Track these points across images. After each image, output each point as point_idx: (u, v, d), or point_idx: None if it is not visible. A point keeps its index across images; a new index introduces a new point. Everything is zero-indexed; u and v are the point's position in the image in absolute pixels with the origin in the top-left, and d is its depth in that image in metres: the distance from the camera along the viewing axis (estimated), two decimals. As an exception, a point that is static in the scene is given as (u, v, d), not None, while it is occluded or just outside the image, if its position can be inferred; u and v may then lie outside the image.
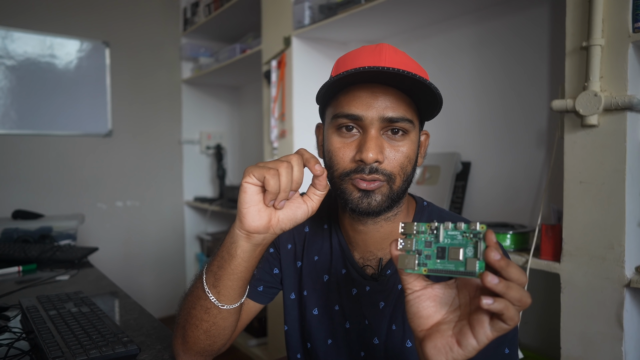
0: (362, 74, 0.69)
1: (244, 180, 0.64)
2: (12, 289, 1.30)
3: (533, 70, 1.53)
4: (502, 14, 1.62)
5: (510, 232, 1.34)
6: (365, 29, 1.92)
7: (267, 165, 0.64)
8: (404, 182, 0.75)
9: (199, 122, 3.22)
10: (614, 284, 1.07)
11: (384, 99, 0.72)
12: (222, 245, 0.71)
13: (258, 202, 0.65)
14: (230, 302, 0.72)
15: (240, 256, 0.68)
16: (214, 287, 0.71)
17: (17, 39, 2.53)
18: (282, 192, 0.64)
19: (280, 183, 0.63)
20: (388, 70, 0.67)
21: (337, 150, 0.75)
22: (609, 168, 1.07)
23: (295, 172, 0.65)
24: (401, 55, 0.74)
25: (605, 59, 1.07)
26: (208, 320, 0.73)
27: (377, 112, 0.71)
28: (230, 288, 0.71)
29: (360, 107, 0.72)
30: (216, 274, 0.71)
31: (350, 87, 0.74)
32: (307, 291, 0.88)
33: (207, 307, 0.72)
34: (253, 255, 0.69)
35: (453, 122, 1.78)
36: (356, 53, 0.76)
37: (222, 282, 0.70)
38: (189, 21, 2.98)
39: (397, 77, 0.69)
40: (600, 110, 1.06)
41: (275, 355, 2.27)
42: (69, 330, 0.89)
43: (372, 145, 0.70)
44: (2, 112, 2.49)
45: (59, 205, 2.66)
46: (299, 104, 2.06)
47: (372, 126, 0.72)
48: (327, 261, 0.87)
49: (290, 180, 0.64)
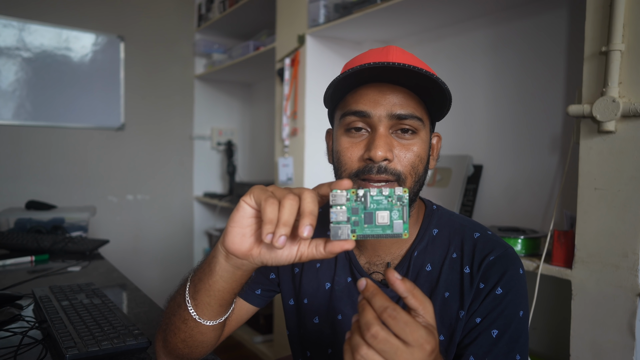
0: (369, 72, 0.68)
1: (243, 197, 0.57)
2: (24, 278, 1.32)
3: (549, 74, 1.52)
4: (518, 17, 1.60)
5: (521, 237, 1.34)
6: (380, 29, 1.91)
7: (271, 192, 0.55)
8: (415, 183, 0.73)
9: (211, 118, 3.23)
10: (627, 292, 1.06)
11: (392, 97, 0.71)
12: (204, 259, 0.67)
13: (246, 226, 0.58)
14: (209, 318, 0.67)
15: (219, 274, 0.62)
16: (193, 299, 0.66)
17: (34, 31, 2.56)
18: (281, 225, 0.52)
19: (280, 215, 0.52)
20: (394, 66, 0.66)
21: (345, 150, 0.73)
22: (626, 175, 1.06)
23: (305, 205, 0.53)
24: (409, 55, 0.74)
25: (625, 65, 1.05)
26: (185, 331, 0.69)
27: (385, 109, 0.70)
28: (208, 304, 0.65)
29: (368, 104, 0.71)
30: (196, 285, 0.66)
31: (358, 87, 0.74)
32: (308, 299, 0.86)
33: (184, 318, 0.68)
34: (233, 277, 0.62)
35: (465, 125, 1.77)
36: (363, 54, 0.76)
37: (199, 297, 0.65)
38: (204, 17, 2.99)
39: (404, 74, 0.68)
40: (618, 117, 1.05)
41: (281, 352, 2.27)
42: (81, 321, 0.90)
43: (381, 143, 0.69)
44: (17, 104, 2.52)
45: (71, 197, 2.69)
46: (311, 102, 2.06)
47: (381, 124, 0.71)
48: (330, 269, 0.85)
49: (293, 213, 0.52)
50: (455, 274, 0.76)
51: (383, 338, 0.47)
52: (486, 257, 0.75)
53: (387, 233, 0.54)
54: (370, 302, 0.49)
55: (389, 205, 0.54)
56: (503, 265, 0.74)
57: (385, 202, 0.54)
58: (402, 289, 0.50)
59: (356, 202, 0.54)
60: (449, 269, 0.77)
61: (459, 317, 0.74)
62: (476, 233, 0.79)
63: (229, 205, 2.80)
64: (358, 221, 0.54)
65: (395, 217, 0.54)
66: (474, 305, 0.74)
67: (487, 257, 0.75)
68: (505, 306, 0.72)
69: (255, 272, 0.87)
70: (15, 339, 0.88)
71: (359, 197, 0.54)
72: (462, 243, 0.78)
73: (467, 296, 0.74)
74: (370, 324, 0.47)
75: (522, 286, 0.75)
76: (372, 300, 0.49)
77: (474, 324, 0.73)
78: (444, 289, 0.76)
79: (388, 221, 0.54)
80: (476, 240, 0.78)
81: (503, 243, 0.78)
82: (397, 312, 0.48)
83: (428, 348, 0.48)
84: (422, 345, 0.47)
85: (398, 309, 0.48)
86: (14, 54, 2.51)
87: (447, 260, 0.78)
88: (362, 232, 0.54)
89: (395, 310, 0.48)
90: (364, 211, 0.54)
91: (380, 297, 0.49)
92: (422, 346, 0.47)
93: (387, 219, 0.54)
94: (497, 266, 0.74)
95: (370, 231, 0.54)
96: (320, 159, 2.10)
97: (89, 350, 0.78)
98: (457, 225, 0.81)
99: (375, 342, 0.47)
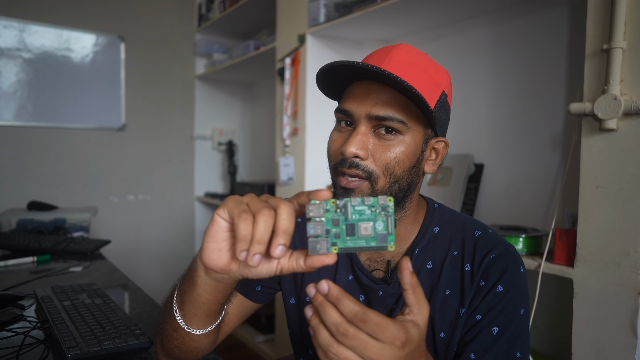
0: (361, 69, 0.69)
1: (217, 211, 0.54)
2: (26, 278, 1.32)
3: (550, 73, 1.52)
4: (519, 15, 1.60)
5: (522, 236, 1.33)
6: (380, 28, 1.91)
7: (246, 204, 0.52)
8: (391, 184, 0.72)
9: (212, 118, 3.23)
10: (629, 290, 1.06)
11: (375, 96, 0.71)
12: (190, 266, 0.65)
13: (222, 240, 0.55)
14: (198, 328, 0.66)
15: (202, 287, 0.61)
16: (181, 309, 0.66)
17: (34, 32, 2.56)
18: (255, 243, 0.49)
19: (254, 232, 0.49)
20: (361, 66, 0.67)
21: (332, 142, 0.77)
22: (627, 173, 1.06)
23: (280, 222, 0.49)
24: (413, 56, 0.73)
25: (627, 63, 1.05)
26: (177, 339, 0.69)
27: (365, 108, 0.71)
28: (195, 315, 0.65)
29: (352, 103, 0.73)
30: (182, 296, 0.65)
31: (353, 83, 0.75)
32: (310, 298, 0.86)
33: (175, 327, 0.68)
34: (216, 289, 0.61)
35: (466, 123, 1.77)
36: (373, 52, 0.77)
37: (186, 307, 0.65)
38: (204, 17, 2.99)
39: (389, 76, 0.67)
40: (619, 115, 1.04)
41: (283, 352, 2.27)
42: (83, 321, 0.90)
43: (354, 140, 0.71)
44: (18, 105, 2.53)
45: (73, 198, 2.69)
46: (312, 102, 2.06)
47: (360, 122, 0.72)
48: (331, 267, 0.84)
49: (267, 231, 0.49)
50: (456, 271, 0.77)
51: (352, 335, 0.48)
52: (487, 255, 0.75)
53: (371, 245, 0.50)
54: (337, 307, 0.49)
55: (373, 215, 0.50)
56: (504, 263, 0.74)
57: (369, 212, 0.50)
58: (407, 281, 0.51)
59: (336, 213, 0.50)
60: (450, 266, 0.77)
61: (459, 314, 0.74)
62: (477, 231, 0.79)
63: (230, 205, 2.80)
64: (339, 233, 0.50)
65: (380, 228, 0.50)
66: (474, 302, 0.74)
67: (488, 255, 0.75)
68: (506, 304, 0.72)
69: None
70: (17, 339, 0.89)
71: (339, 207, 0.50)
72: (463, 241, 0.78)
73: (468, 294, 0.74)
74: (338, 323, 0.48)
75: (523, 284, 0.75)
76: (339, 304, 0.49)
77: (475, 322, 0.73)
78: (445, 287, 0.76)
79: (372, 232, 0.50)
80: (477, 239, 0.78)
81: (504, 241, 0.78)
82: (367, 315, 0.48)
83: (398, 344, 0.49)
84: (393, 341, 0.49)
85: (367, 312, 0.48)
86: (15, 55, 2.51)
87: (448, 258, 0.78)
88: (344, 245, 0.50)
89: (365, 313, 0.48)
90: (345, 222, 0.50)
91: (347, 302, 0.48)
92: (393, 342, 0.49)
93: (371, 231, 0.50)
94: (498, 264, 0.74)
95: (352, 244, 0.50)
96: (321, 159, 2.10)
97: (90, 350, 0.78)
98: (458, 224, 0.81)
99: (345, 340, 0.48)
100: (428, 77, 0.73)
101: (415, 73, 0.71)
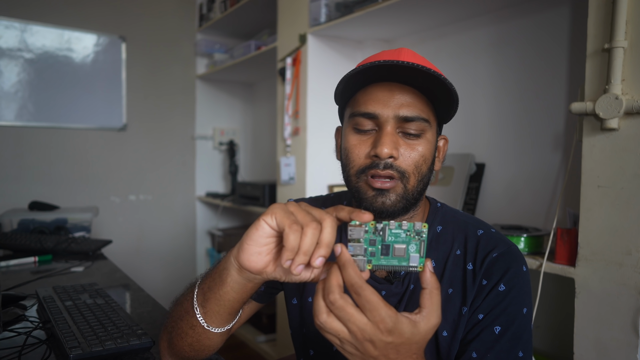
0: (379, 71, 0.69)
1: (263, 216, 0.57)
2: (28, 278, 1.32)
3: (551, 72, 1.51)
4: (520, 14, 1.60)
5: (524, 235, 1.33)
6: (381, 28, 1.91)
7: (295, 215, 0.55)
8: (419, 183, 0.74)
9: (213, 118, 3.23)
10: (631, 290, 1.06)
11: (400, 97, 0.72)
12: (216, 266, 0.67)
13: (263, 245, 0.58)
14: (218, 326, 0.69)
15: (230, 285, 0.63)
16: (202, 306, 0.68)
17: (35, 32, 2.56)
18: (301, 254, 0.52)
19: (301, 244, 0.52)
20: (405, 64, 0.67)
21: (353, 148, 0.75)
22: (629, 172, 1.05)
23: (324, 235, 0.53)
24: (419, 57, 0.75)
25: (628, 62, 1.05)
26: (193, 336, 0.71)
27: (392, 110, 0.72)
28: (217, 313, 0.67)
29: (376, 105, 0.72)
30: (206, 294, 0.67)
31: (368, 86, 0.74)
32: (313, 297, 0.86)
33: (192, 324, 0.69)
34: (244, 289, 0.64)
35: (468, 123, 1.77)
36: (376, 54, 0.77)
37: (209, 305, 0.67)
38: (205, 17, 2.99)
39: (413, 74, 0.69)
40: (621, 114, 1.04)
41: (284, 352, 2.27)
42: (85, 321, 0.90)
43: (387, 141, 0.71)
44: (19, 105, 2.53)
45: (74, 198, 2.69)
46: (313, 101, 2.06)
47: (388, 123, 0.72)
48: None
49: (313, 243, 0.53)
50: (459, 270, 0.77)
51: (339, 306, 0.52)
52: (489, 254, 0.75)
53: (402, 265, 0.55)
54: (342, 272, 0.52)
55: (407, 238, 0.55)
56: (506, 263, 0.74)
57: (404, 235, 0.55)
58: (428, 281, 0.54)
59: (374, 235, 0.55)
60: (453, 265, 0.77)
61: (461, 313, 0.74)
62: (480, 230, 0.79)
63: (232, 205, 2.80)
64: (375, 252, 0.55)
65: (412, 250, 0.55)
66: (476, 301, 0.74)
67: (490, 254, 0.75)
68: (508, 303, 0.72)
69: None
70: (19, 339, 0.89)
71: (377, 230, 0.55)
72: (466, 240, 0.78)
73: (470, 292, 0.74)
74: (331, 290, 0.52)
75: (526, 283, 0.75)
76: (343, 270, 0.52)
77: (477, 320, 0.73)
78: (447, 286, 0.77)
79: (404, 254, 0.55)
80: (479, 238, 0.78)
81: (506, 241, 0.78)
82: (362, 290, 0.51)
83: (382, 327, 0.51)
84: (377, 323, 0.51)
85: (364, 286, 0.51)
86: (16, 55, 2.51)
87: (450, 257, 0.78)
88: (378, 263, 0.55)
89: (361, 287, 0.51)
90: (381, 243, 0.55)
91: (350, 270, 0.52)
92: (377, 324, 0.51)
93: (404, 252, 0.55)
94: (500, 263, 0.74)
95: (386, 262, 0.55)
96: (322, 158, 2.10)
97: (92, 350, 0.78)
98: (461, 223, 0.81)
99: (333, 308, 0.52)
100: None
101: (433, 68, 0.73)
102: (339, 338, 0.53)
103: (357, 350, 0.53)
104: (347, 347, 0.54)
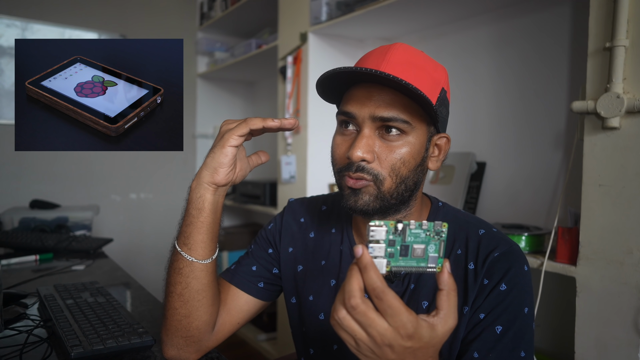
0: (351, 75, 0.70)
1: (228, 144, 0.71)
2: (29, 277, 1.33)
3: (552, 71, 1.51)
4: (522, 13, 1.59)
5: (525, 234, 1.33)
6: (382, 26, 1.91)
7: (232, 122, 0.75)
8: (398, 185, 0.73)
9: (213, 117, 3.23)
10: (632, 289, 1.05)
11: (378, 98, 0.71)
12: (188, 205, 0.76)
13: (231, 164, 0.73)
14: (202, 257, 0.76)
15: (208, 208, 0.74)
16: (185, 244, 0.76)
17: (36, 31, 2.56)
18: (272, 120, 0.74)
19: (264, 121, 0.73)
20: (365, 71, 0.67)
21: (336, 147, 0.77)
22: (630, 171, 1.05)
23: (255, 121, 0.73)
24: (410, 55, 0.73)
25: (629, 61, 1.05)
26: (181, 282, 0.76)
27: (369, 110, 0.71)
28: (201, 242, 0.75)
29: (354, 105, 0.73)
30: (185, 232, 0.75)
31: (353, 86, 0.75)
32: (313, 296, 0.86)
33: (179, 268, 0.76)
34: (217, 206, 0.76)
35: (469, 122, 1.77)
36: (369, 52, 0.77)
37: (192, 238, 0.75)
38: (206, 15, 2.99)
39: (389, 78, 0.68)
40: (622, 113, 1.04)
41: (285, 350, 2.28)
42: (86, 320, 0.90)
43: (360, 144, 0.71)
44: (21, 103, 2.53)
45: (75, 196, 2.70)
46: (314, 100, 2.05)
47: (365, 124, 0.72)
48: (335, 266, 0.86)
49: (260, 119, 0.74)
50: (460, 270, 0.77)
51: (361, 311, 0.51)
52: (490, 253, 0.75)
53: (420, 266, 0.54)
54: (362, 274, 0.51)
55: (427, 238, 0.54)
56: (507, 262, 0.74)
57: (423, 235, 0.54)
58: (446, 282, 0.53)
59: (393, 235, 0.54)
60: (454, 265, 0.77)
61: (463, 313, 0.74)
62: (481, 230, 0.79)
63: (232, 204, 2.80)
64: (393, 253, 0.54)
65: (432, 251, 0.54)
66: (477, 301, 0.74)
67: (492, 254, 0.75)
68: (509, 302, 0.72)
69: (256, 266, 0.89)
70: (20, 337, 0.89)
71: (397, 230, 0.54)
72: (467, 239, 0.78)
73: (471, 292, 0.74)
74: (352, 294, 0.51)
75: (527, 283, 0.75)
76: (364, 273, 0.51)
77: (478, 320, 0.73)
78: (448, 286, 0.76)
79: (423, 254, 0.54)
80: (481, 237, 0.78)
81: (508, 240, 0.78)
82: (385, 294, 0.50)
83: (402, 333, 0.51)
84: (398, 328, 0.51)
85: (387, 291, 0.50)
86: (17, 54, 2.51)
87: (451, 256, 0.78)
88: (396, 264, 0.54)
89: (384, 292, 0.50)
90: (400, 243, 0.54)
91: (372, 273, 0.50)
92: (398, 329, 0.51)
93: (423, 252, 0.54)
94: (502, 262, 0.74)
95: (404, 263, 0.54)
96: (323, 157, 2.10)
97: (93, 348, 0.78)
98: (462, 222, 0.81)
99: (354, 313, 0.51)
100: (427, 75, 0.73)
101: (415, 72, 0.72)
102: (354, 339, 0.53)
103: (374, 354, 0.53)
104: (363, 350, 0.53)
